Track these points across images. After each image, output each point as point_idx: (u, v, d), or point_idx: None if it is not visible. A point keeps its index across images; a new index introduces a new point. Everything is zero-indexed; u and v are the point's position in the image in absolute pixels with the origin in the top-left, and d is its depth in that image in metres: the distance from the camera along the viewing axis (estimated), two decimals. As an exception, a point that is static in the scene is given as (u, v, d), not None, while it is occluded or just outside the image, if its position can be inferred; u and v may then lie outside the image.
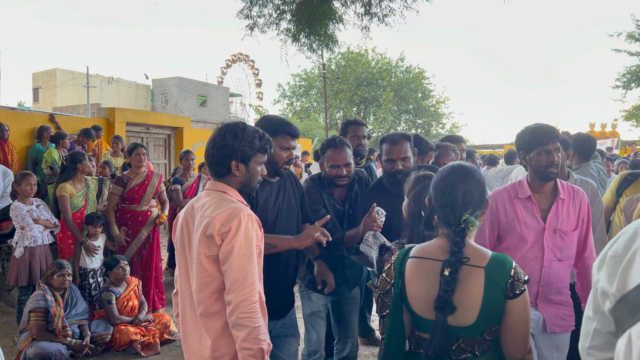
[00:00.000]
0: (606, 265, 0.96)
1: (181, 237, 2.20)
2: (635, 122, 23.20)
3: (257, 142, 2.15)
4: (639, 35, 21.42)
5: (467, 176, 1.89)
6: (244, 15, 7.85)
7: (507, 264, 1.78)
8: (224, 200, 2.08)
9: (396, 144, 3.07)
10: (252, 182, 2.20)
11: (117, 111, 9.76)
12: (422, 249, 1.92)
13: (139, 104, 32.25)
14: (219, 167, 2.15)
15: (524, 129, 2.72)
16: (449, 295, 1.74)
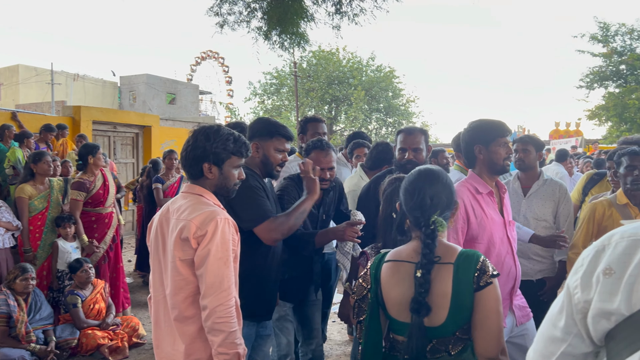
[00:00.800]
0: (601, 284, 0.91)
1: (155, 241, 2.16)
2: (598, 122, 23.85)
3: (231, 144, 2.11)
4: (602, 37, 22.03)
5: (434, 179, 1.92)
6: (214, 13, 7.76)
7: (475, 257, 1.81)
8: (200, 204, 2.06)
9: (411, 134, 3.09)
10: (227, 185, 2.16)
11: (83, 109, 9.51)
12: (397, 252, 1.94)
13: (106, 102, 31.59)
14: (192, 169, 2.13)
15: (478, 122, 2.69)
16: (423, 296, 1.75)
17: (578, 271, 0.97)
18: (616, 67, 22.15)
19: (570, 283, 0.98)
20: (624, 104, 20.74)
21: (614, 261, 0.90)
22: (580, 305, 0.94)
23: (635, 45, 21.89)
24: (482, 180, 2.63)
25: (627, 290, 0.86)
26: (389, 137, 35.81)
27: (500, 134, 2.59)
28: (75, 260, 4.74)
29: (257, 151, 2.71)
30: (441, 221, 1.85)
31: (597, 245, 0.96)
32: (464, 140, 2.70)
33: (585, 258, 0.97)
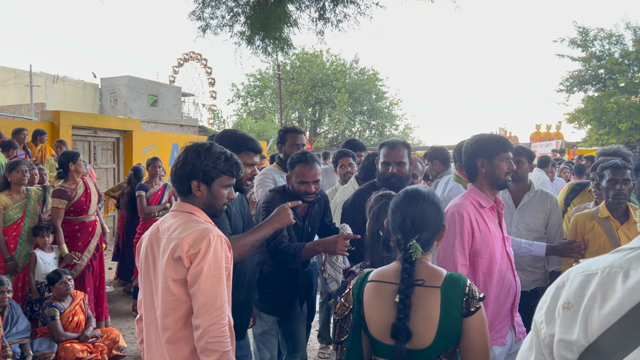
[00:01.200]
0: (561, 317, 0.98)
1: (145, 261, 2.12)
2: (578, 125, 24.20)
3: (221, 163, 2.08)
4: (581, 42, 22.35)
5: (418, 201, 1.89)
6: (196, 17, 7.70)
7: (462, 282, 1.79)
8: (191, 222, 2.02)
9: (394, 148, 3.09)
10: (215, 204, 2.12)
11: (63, 114, 9.35)
12: (380, 272, 1.91)
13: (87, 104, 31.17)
14: (181, 186, 2.10)
15: (481, 136, 2.69)
16: (403, 322, 1.73)
17: (542, 307, 1.05)
18: (595, 72, 22.49)
19: (536, 319, 1.06)
20: (603, 107, 21.06)
21: (571, 295, 0.97)
22: (547, 339, 1.00)
23: (614, 50, 22.26)
24: (484, 195, 2.61)
25: (584, 322, 0.93)
26: (373, 139, 35.93)
27: (504, 148, 2.58)
28: (54, 272, 4.64)
29: None
30: (416, 247, 1.82)
31: (557, 282, 1.04)
32: (466, 153, 2.67)
33: (547, 294, 1.05)
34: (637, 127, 20.39)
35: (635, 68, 21.85)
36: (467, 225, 2.48)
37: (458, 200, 2.64)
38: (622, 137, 20.57)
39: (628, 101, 20.60)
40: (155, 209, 6.03)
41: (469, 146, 2.67)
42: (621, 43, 22.15)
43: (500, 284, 2.54)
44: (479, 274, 2.53)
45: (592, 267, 0.97)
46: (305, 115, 36.73)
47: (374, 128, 36.85)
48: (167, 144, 11.73)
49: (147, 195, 6.04)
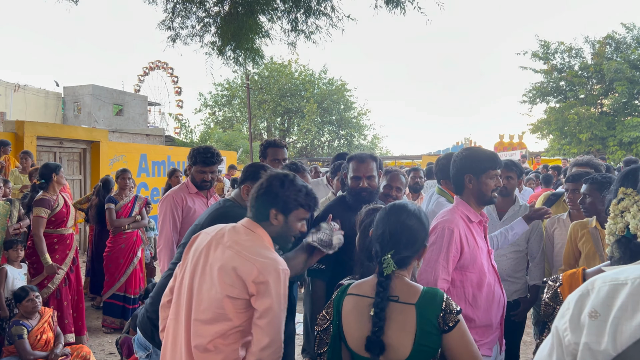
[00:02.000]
0: (587, 326, 0.97)
1: (197, 258, 2.12)
2: (541, 135, 24.88)
3: (302, 196, 2.16)
4: (543, 55, 23.05)
5: (401, 217, 1.91)
6: (166, 27, 7.62)
7: (438, 298, 1.80)
8: (263, 247, 2.06)
9: (363, 162, 3.10)
10: (287, 235, 2.19)
11: (27, 124, 9.07)
12: (358, 285, 1.93)
13: (49, 113, 30.38)
14: (259, 212, 2.14)
15: (471, 152, 2.69)
16: (377, 335, 1.75)
17: (565, 314, 1.04)
18: (556, 83, 23.20)
19: (559, 326, 1.05)
20: (564, 118, 21.72)
21: (598, 304, 0.97)
22: (571, 347, 1.00)
23: (574, 63, 23.02)
24: (472, 209, 2.63)
25: (612, 332, 0.93)
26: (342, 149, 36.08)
27: (492, 166, 2.60)
28: (21, 289, 4.47)
29: (247, 194, 2.66)
30: (389, 262, 1.83)
31: (581, 290, 1.04)
32: (455, 167, 2.68)
33: (570, 302, 1.04)
34: (596, 137, 21.09)
35: (594, 80, 22.65)
36: (456, 241, 2.48)
37: (448, 215, 2.61)
38: (582, 147, 21.25)
39: (588, 112, 21.29)
40: (125, 222, 5.90)
41: (457, 161, 2.68)
42: (580, 56, 22.95)
43: (490, 297, 2.56)
44: (468, 288, 2.53)
45: (621, 277, 0.98)
46: (274, 125, 36.66)
47: (342, 138, 37.04)
48: (135, 155, 11.52)
49: (117, 207, 5.92)
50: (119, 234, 5.88)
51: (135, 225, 5.99)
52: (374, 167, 3.11)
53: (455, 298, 2.51)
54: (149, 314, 2.62)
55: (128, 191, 6.11)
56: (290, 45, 7.46)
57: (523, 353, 5.00)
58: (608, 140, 20.77)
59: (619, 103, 21.08)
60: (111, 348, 5.21)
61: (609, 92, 21.95)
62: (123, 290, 5.85)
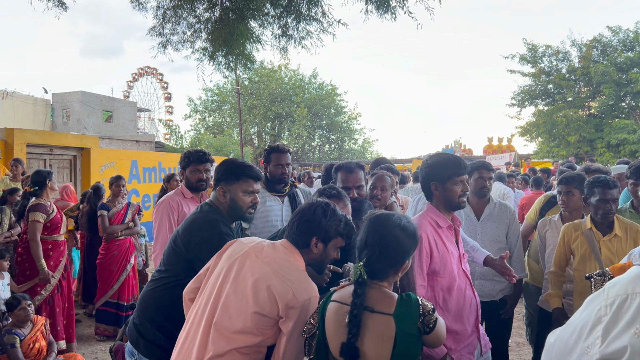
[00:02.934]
0: (632, 345, 0.90)
1: (230, 265, 2.12)
2: (530, 138, 25.09)
3: (342, 225, 2.17)
4: (530, 58, 23.27)
5: (382, 227, 1.92)
6: (156, 33, 7.60)
7: (413, 303, 1.81)
8: (300, 271, 2.07)
9: (352, 173, 3.09)
10: (323, 261, 2.20)
11: (17, 132, 9.01)
12: (340, 292, 1.95)
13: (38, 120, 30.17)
14: (300, 239, 2.14)
15: (435, 159, 2.72)
16: (351, 342, 1.76)
17: (602, 320, 0.96)
18: (544, 87, 23.44)
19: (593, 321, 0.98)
20: (553, 121, 21.94)
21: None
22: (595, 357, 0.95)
23: (561, 66, 23.27)
24: (441, 214, 2.66)
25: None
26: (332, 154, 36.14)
27: (456, 172, 2.63)
28: (12, 297, 4.44)
29: (223, 196, 2.62)
30: (358, 269, 1.85)
31: (619, 294, 0.96)
32: (421, 175, 2.74)
33: (609, 306, 0.96)
34: (584, 139, 21.32)
35: (582, 83, 22.91)
36: (425, 246, 2.52)
37: (417, 220, 2.64)
38: (571, 149, 21.47)
39: (576, 115, 21.53)
40: (117, 229, 5.87)
41: (423, 170, 2.73)
42: (567, 59, 23.20)
43: (461, 300, 2.58)
44: (438, 292, 2.57)
45: None
46: (265, 130, 36.67)
47: (333, 142, 37.13)
48: (126, 161, 11.47)
49: (110, 214, 5.88)
50: (112, 241, 5.85)
51: (127, 232, 5.96)
52: (362, 176, 3.12)
53: None
54: (135, 321, 2.63)
55: (121, 198, 6.08)
56: (282, 51, 7.47)
57: (516, 354, 5.03)
58: (596, 142, 20.99)
59: (606, 105, 21.33)
60: (104, 356, 5.17)
61: (596, 95, 22.20)
62: (116, 297, 5.81)
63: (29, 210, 4.89)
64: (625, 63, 20.85)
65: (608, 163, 17.70)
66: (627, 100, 21.69)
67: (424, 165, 2.74)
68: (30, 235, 4.81)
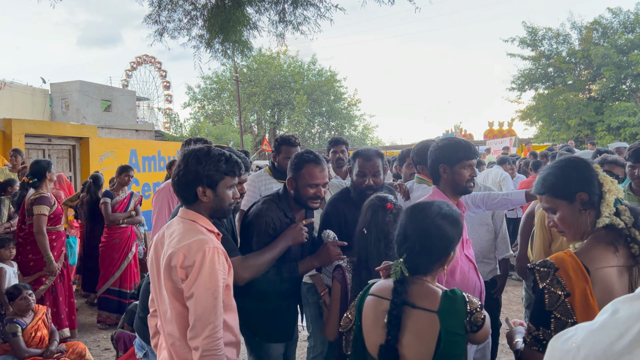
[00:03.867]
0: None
1: (151, 265, 2.13)
2: (530, 122, 25.00)
3: (223, 165, 2.08)
4: (530, 41, 23.11)
5: (418, 219, 1.77)
6: (152, 21, 7.55)
7: (459, 300, 1.70)
8: (191, 231, 2.01)
9: (370, 160, 3.04)
10: (222, 207, 2.12)
11: (15, 122, 8.98)
12: (380, 286, 1.83)
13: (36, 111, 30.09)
14: (186, 194, 2.09)
15: (446, 142, 2.73)
16: (392, 343, 1.66)
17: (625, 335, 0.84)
18: (545, 70, 23.31)
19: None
20: (553, 104, 21.85)
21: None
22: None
23: (561, 49, 23.12)
24: (448, 198, 2.65)
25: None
26: (332, 140, 36.00)
27: (466, 156, 2.63)
28: (13, 287, 4.46)
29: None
30: (398, 267, 1.71)
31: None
32: (430, 158, 2.74)
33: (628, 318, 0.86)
34: (585, 122, 21.24)
35: (582, 66, 22.78)
36: None
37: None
38: (571, 132, 21.40)
39: (576, 98, 21.43)
40: (120, 217, 5.91)
41: (433, 152, 2.73)
42: (568, 42, 23.05)
43: (465, 283, 2.60)
44: (441, 275, 2.57)
45: None
46: (264, 117, 36.57)
47: (333, 129, 37.03)
48: (125, 151, 11.45)
49: (113, 203, 5.91)
50: (114, 228, 5.89)
51: (130, 220, 6.01)
52: (380, 164, 3.07)
53: None
54: (140, 314, 2.65)
55: (126, 188, 6.11)
56: (279, 37, 7.43)
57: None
58: (596, 126, 20.92)
59: (607, 88, 21.22)
60: (106, 344, 5.21)
61: (596, 78, 22.08)
62: (118, 285, 5.85)
63: (33, 204, 4.89)
64: (626, 45, 20.70)
65: (608, 146, 17.66)
66: (627, 83, 21.58)
67: (434, 147, 2.74)
68: (37, 228, 4.83)
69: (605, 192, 1.69)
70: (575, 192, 1.69)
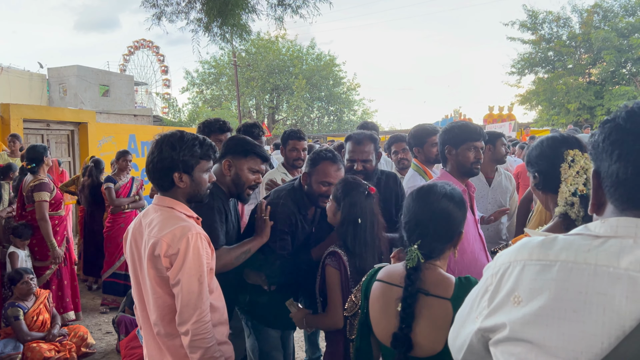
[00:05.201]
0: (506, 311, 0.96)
1: (131, 255, 2.11)
2: (529, 106, 24.94)
3: (197, 149, 2.05)
4: (531, 25, 22.96)
5: (428, 201, 1.73)
6: (150, 4, 7.49)
7: (474, 287, 1.67)
8: (171, 218, 2.00)
9: (360, 145, 2.96)
10: (199, 191, 2.11)
11: (13, 107, 8.94)
12: (388, 271, 1.79)
13: (34, 95, 29.95)
14: (162, 181, 2.06)
15: (453, 124, 2.76)
16: (404, 332, 1.63)
17: (488, 289, 1.02)
18: (545, 54, 23.19)
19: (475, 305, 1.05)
20: (553, 89, 21.78)
21: (523, 288, 0.94)
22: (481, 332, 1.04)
23: (561, 33, 22.99)
24: (455, 179, 2.67)
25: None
26: (332, 125, 35.99)
27: (471, 138, 2.65)
28: (15, 271, 4.49)
29: (229, 169, 2.58)
30: (413, 254, 1.66)
31: (504, 263, 1.00)
32: (439, 141, 2.77)
33: (494, 275, 1.02)
34: (584, 107, 21.20)
35: (582, 50, 22.66)
36: None
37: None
38: (571, 117, 21.36)
39: (576, 82, 21.36)
40: (125, 202, 5.92)
41: (441, 134, 2.77)
42: (568, 26, 22.90)
43: (473, 264, 2.60)
44: (450, 255, 2.60)
45: (551, 254, 0.91)
46: (263, 102, 36.42)
47: (332, 114, 36.92)
48: (124, 136, 11.42)
49: (116, 187, 5.90)
50: (119, 213, 5.89)
51: (134, 205, 6.03)
52: (371, 150, 2.98)
53: None
54: None
55: (127, 172, 6.10)
56: (278, 20, 7.38)
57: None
58: (596, 110, 20.87)
59: (607, 72, 21.14)
60: (108, 327, 5.25)
61: (596, 62, 21.98)
62: (124, 269, 5.86)
63: (34, 191, 4.89)
64: (627, 29, 20.58)
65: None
66: (628, 67, 21.49)
67: (443, 130, 2.77)
68: (40, 215, 4.84)
69: (562, 181, 1.68)
70: (533, 169, 1.73)
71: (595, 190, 0.95)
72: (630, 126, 0.88)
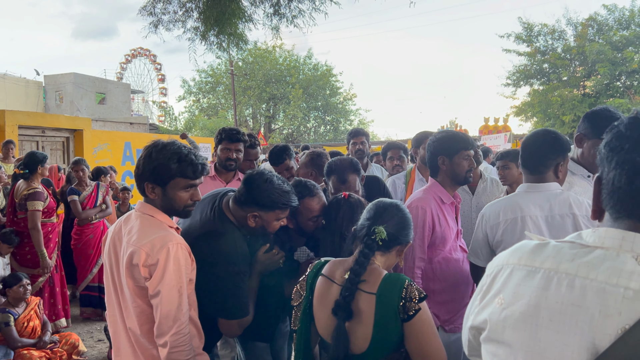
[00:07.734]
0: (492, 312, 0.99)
1: (109, 260, 2.07)
2: (525, 118, 25.08)
3: (173, 164, 1.93)
4: (526, 37, 23.16)
5: (390, 205, 1.86)
6: (147, 12, 7.52)
7: (398, 284, 1.68)
8: (151, 227, 1.95)
9: (345, 183, 2.79)
10: (174, 207, 2.02)
11: (8, 114, 8.93)
12: (332, 267, 1.85)
13: (30, 102, 29.93)
14: (139, 187, 2.03)
15: (444, 134, 2.76)
16: (342, 330, 1.68)
17: (482, 289, 1.05)
18: (540, 66, 23.38)
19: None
20: (548, 100, 21.93)
21: (507, 292, 0.98)
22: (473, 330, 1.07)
23: (556, 45, 23.19)
24: (445, 190, 2.70)
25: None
26: (328, 135, 36.05)
27: (464, 147, 2.66)
28: (10, 276, 4.46)
29: (254, 220, 2.27)
30: (382, 231, 1.74)
31: (497, 265, 1.04)
32: (429, 150, 2.76)
33: (489, 276, 1.05)
34: (579, 119, 21.26)
35: (577, 62, 22.86)
36: (429, 220, 2.57)
37: (421, 194, 2.71)
38: (565, 128, 21.48)
39: (570, 94, 21.53)
40: (92, 213, 5.67)
41: (431, 144, 2.75)
42: (563, 38, 23.12)
43: (459, 273, 2.64)
44: (436, 264, 2.63)
45: (537, 261, 0.93)
46: (260, 111, 36.47)
47: (328, 123, 36.98)
48: (119, 143, 11.42)
49: (81, 199, 5.66)
50: (86, 224, 5.67)
51: (101, 214, 5.80)
52: (356, 183, 2.85)
53: (424, 273, 2.60)
54: None
55: (88, 180, 5.85)
56: (273, 30, 7.41)
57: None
58: (590, 122, 20.98)
59: (601, 84, 21.31)
60: (100, 335, 5.22)
61: (591, 74, 22.17)
62: (97, 280, 5.71)
63: (27, 199, 4.86)
64: (621, 42, 20.79)
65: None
66: (622, 80, 21.66)
67: (432, 140, 2.76)
68: (32, 224, 4.81)
69: None
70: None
71: (596, 197, 0.96)
72: (629, 134, 0.88)
